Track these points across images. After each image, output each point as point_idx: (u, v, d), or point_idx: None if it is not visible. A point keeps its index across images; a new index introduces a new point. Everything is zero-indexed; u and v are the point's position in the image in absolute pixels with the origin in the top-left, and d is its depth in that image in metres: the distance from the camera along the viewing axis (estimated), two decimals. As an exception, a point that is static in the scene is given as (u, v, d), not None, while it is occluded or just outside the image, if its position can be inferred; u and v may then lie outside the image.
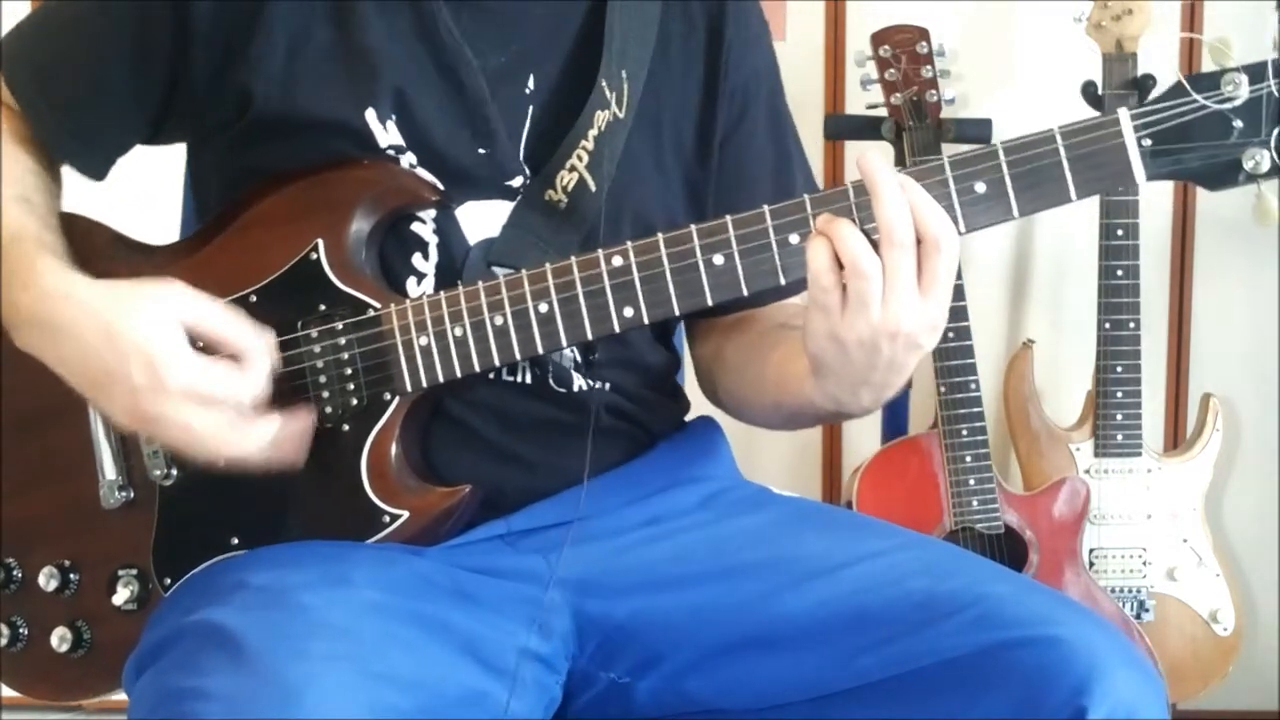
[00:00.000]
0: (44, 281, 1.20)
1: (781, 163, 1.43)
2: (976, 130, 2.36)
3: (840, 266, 1.12)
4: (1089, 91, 2.32)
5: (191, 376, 1.16)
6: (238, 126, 1.26)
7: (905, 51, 2.30)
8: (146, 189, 1.55)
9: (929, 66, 2.30)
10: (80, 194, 1.36)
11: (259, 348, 1.21)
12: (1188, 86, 1.13)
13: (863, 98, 2.39)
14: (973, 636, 1.14)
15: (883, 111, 2.34)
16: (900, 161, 2.33)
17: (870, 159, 1.13)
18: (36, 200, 1.28)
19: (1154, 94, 1.16)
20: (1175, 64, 2.53)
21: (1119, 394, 2.37)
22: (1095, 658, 1.11)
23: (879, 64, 2.32)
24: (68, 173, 1.36)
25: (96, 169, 1.34)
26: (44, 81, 1.30)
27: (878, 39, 2.31)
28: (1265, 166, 1.14)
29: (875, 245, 1.12)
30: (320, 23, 1.25)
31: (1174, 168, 1.14)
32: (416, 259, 1.27)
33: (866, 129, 2.38)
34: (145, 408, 1.16)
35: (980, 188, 1.15)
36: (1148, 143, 1.14)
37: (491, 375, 1.26)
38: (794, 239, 1.17)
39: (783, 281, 1.18)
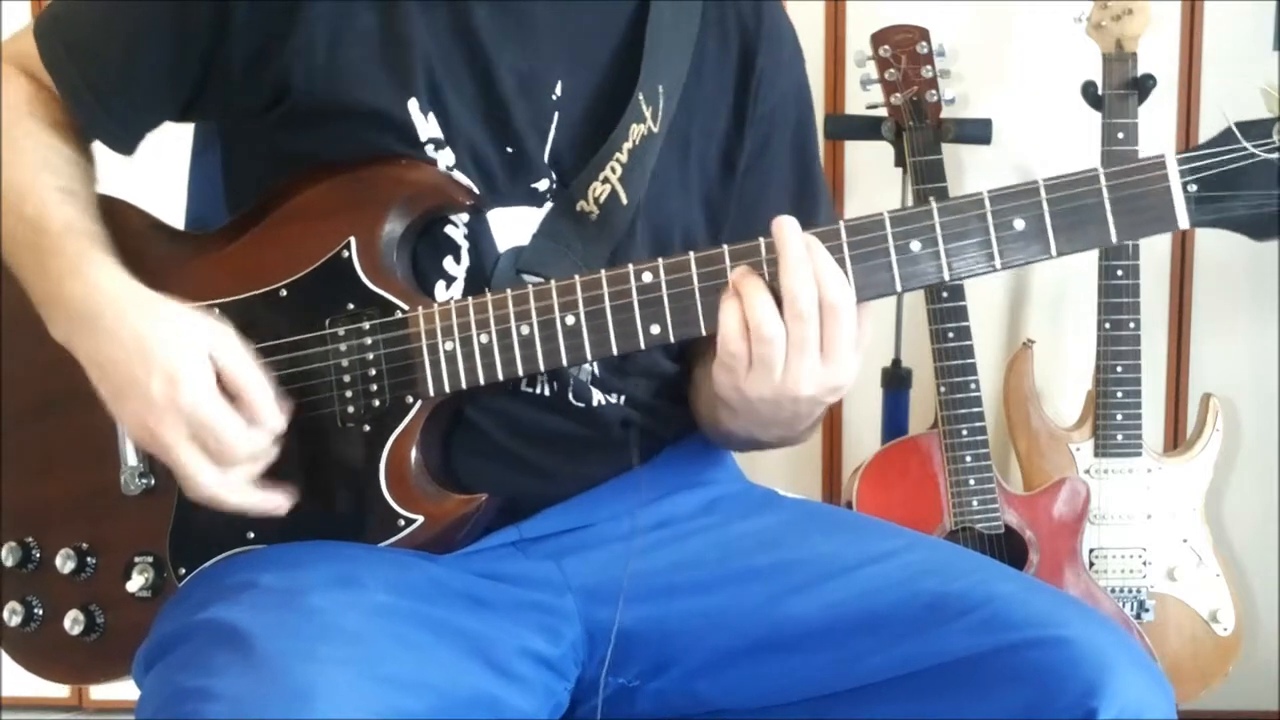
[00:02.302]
0: (94, 276, 1.21)
1: (804, 194, 1.42)
2: (976, 130, 2.37)
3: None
4: (1089, 91, 2.32)
5: (204, 408, 1.17)
6: (277, 112, 1.26)
7: (905, 51, 2.30)
8: (147, 179, 1.53)
9: (929, 66, 2.30)
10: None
11: (272, 417, 1.21)
12: (1238, 134, 1.11)
13: (863, 98, 2.38)
14: (982, 637, 1.14)
15: (883, 111, 2.34)
16: (900, 161, 2.34)
17: (782, 223, 1.14)
18: (79, 190, 1.28)
19: (1203, 139, 1.12)
20: (1175, 64, 2.54)
21: (1119, 394, 2.37)
22: (1105, 659, 1.11)
23: (879, 64, 2.32)
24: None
25: (127, 145, 1.34)
26: (79, 57, 1.30)
27: (878, 39, 2.31)
28: None
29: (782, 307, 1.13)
30: (363, 12, 1.25)
31: (1218, 215, 1.12)
32: (448, 262, 1.27)
33: (866, 129, 2.38)
34: (152, 422, 1.17)
35: (1019, 224, 1.14)
36: (1193, 188, 1.12)
37: (512, 386, 1.26)
38: None
39: None
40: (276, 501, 1.22)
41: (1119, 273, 2.33)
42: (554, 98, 1.29)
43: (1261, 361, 2.61)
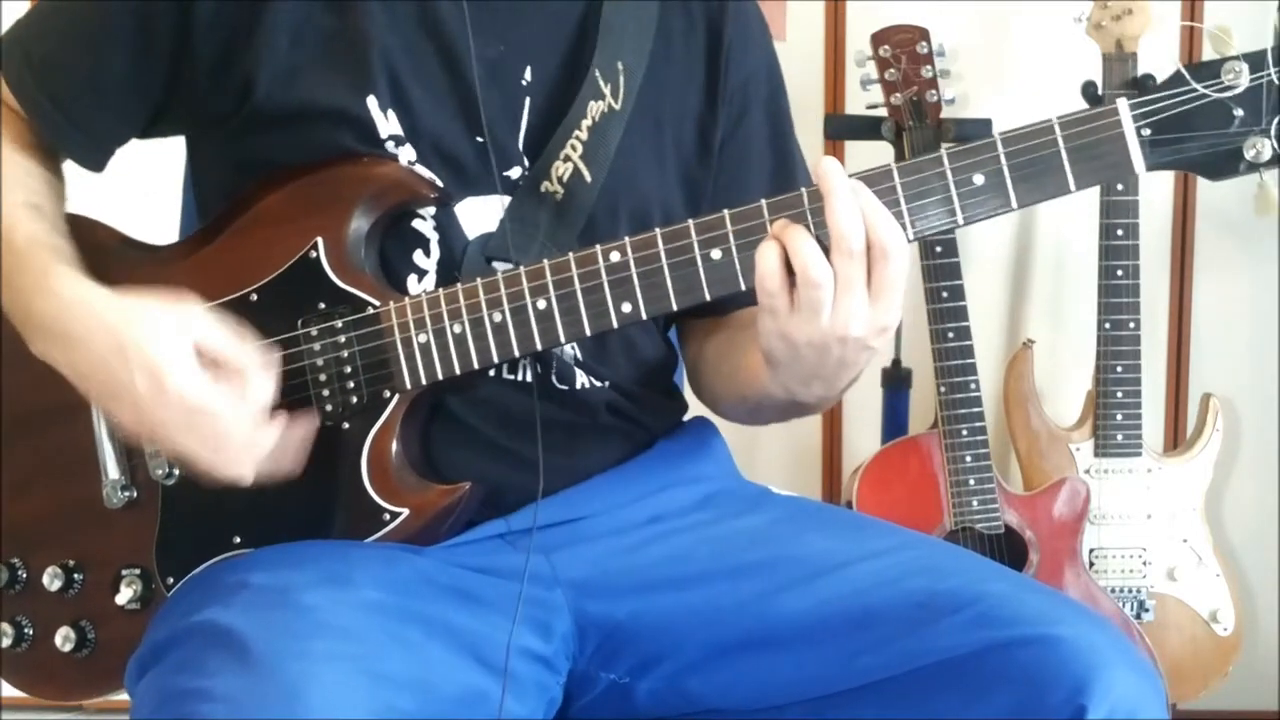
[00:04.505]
0: (59, 289, 1.21)
1: (782, 169, 1.43)
2: (976, 130, 2.36)
3: (789, 272, 1.13)
4: (1089, 91, 2.33)
5: (193, 391, 1.16)
6: (239, 117, 1.26)
7: (905, 51, 2.30)
8: (144, 188, 1.55)
9: (929, 66, 2.30)
10: (78, 193, 1.36)
11: (262, 373, 1.20)
12: (1187, 75, 1.12)
13: (863, 98, 2.39)
14: (973, 635, 1.14)
15: (883, 111, 2.34)
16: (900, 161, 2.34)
17: (827, 164, 1.13)
18: (46, 206, 1.28)
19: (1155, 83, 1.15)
20: (1175, 64, 2.53)
21: (1119, 394, 2.37)
22: (1095, 657, 1.11)
23: (879, 64, 2.32)
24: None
25: (96, 161, 1.35)
26: (43, 75, 1.31)
27: (878, 39, 2.32)
28: (1266, 155, 1.13)
29: (827, 251, 1.12)
30: (322, 12, 1.26)
31: (1174, 157, 1.14)
32: (418, 256, 1.28)
33: (866, 129, 2.38)
34: (149, 419, 1.17)
35: (978, 179, 1.14)
36: (1147, 132, 1.13)
37: (492, 373, 1.27)
38: None
39: None
40: (301, 431, 1.22)
41: (1119, 273, 2.34)
42: (524, 83, 1.30)
43: (1261, 361, 2.61)
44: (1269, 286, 2.58)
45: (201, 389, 1.17)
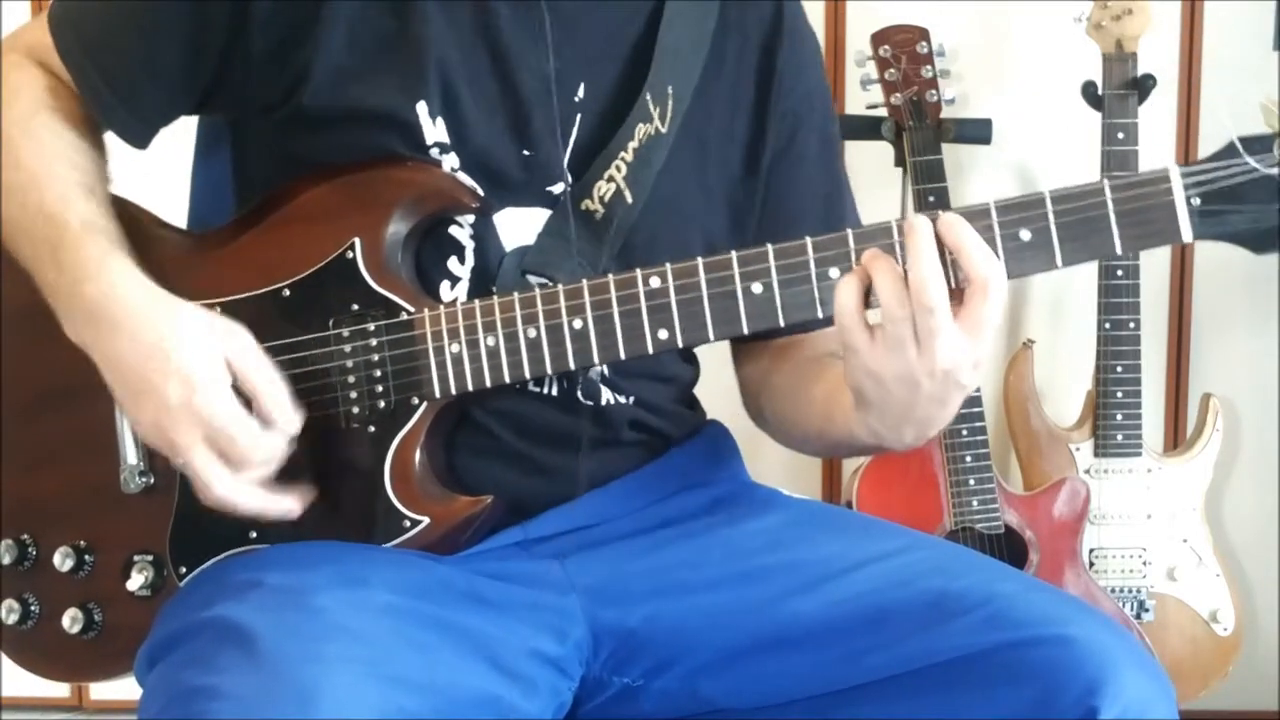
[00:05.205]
0: (114, 278, 1.21)
1: (833, 193, 1.43)
2: (976, 130, 2.37)
3: (867, 305, 1.12)
4: (1089, 92, 2.33)
5: (219, 411, 1.17)
6: (286, 109, 1.26)
7: (905, 51, 2.30)
8: (151, 178, 1.53)
9: (929, 66, 2.31)
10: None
11: (287, 419, 1.21)
12: (1240, 149, 1.11)
13: (863, 98, 2.39)
14: (984, 635, 1.14)
15: (883, 111, 2.34)
16: (900, 161, 2.34)
17: (916, 220, 1.12)
18: (97, 187, 1.28)
19: (1202, 141, 1.14)
20: (1175, 64, 2.54)
21: (1119, 394, 2.37)
22: (1107, 658, 1.11)
23: (879, 64, 2.32)
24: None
25: (142, 138, 1.34)
26: (95, 50, 1.30)
27: (878, 39, 2.32)
28: None
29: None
30: (380, 13, 1.26)
31: (1221, 229, 1.12)
32: (452, 263, 1.27)
33: (866, 129, 2.38)
34: (167, 425, 1.18)
35: (1025, 235, 1.14)
36: (1196, 202, 1.12)
37: (519, 386, 1.26)
38: (834, 273, 1.16)
39: (820, 315, 1.17)
40: (288, 505, 1.22)
41: (1119, 273, 2.33)
42: (576, 100, 1.30)
43: (1261, 362, 2.61)
44: (1269, 287, 2.58)
45: (228, 410, 1.17)
